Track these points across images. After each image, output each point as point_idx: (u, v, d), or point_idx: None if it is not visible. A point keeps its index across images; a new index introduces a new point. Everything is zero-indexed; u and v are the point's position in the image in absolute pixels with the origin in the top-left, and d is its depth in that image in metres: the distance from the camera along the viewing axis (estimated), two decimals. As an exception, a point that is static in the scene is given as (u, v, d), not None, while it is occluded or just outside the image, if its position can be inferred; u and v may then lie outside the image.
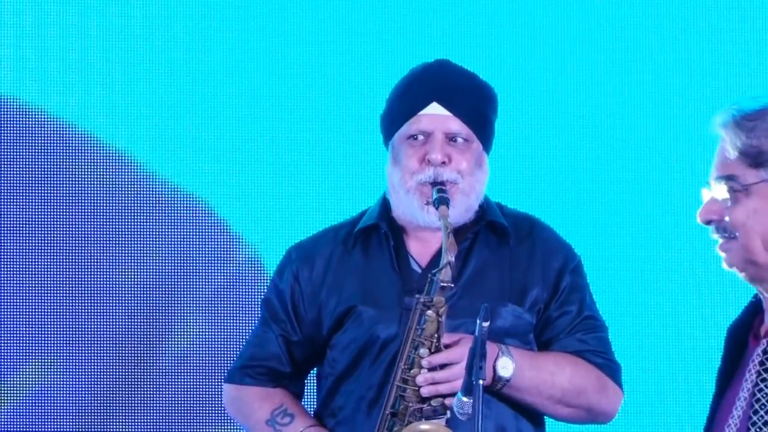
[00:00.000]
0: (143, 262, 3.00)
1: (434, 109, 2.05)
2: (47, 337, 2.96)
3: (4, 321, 2.94)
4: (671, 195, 3.04)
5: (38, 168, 2.95)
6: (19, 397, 2.95)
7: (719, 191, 1.45)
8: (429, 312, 1.91)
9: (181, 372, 3.01)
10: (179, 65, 3.00)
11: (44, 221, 2.98)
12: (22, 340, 2.95)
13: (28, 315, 2.96)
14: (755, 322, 1.52)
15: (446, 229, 1.94)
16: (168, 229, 3.01)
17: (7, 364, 2.94)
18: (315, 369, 2.20)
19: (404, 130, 2.07)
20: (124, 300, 3.00)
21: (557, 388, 2.04)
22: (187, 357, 3.02)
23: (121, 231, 2.99)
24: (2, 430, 2.95)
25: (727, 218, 1.43)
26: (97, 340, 2.98)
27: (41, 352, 2.96)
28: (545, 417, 2.16)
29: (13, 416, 2.95)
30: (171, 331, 3.03)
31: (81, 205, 2.98)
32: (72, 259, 2.98)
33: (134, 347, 3.00)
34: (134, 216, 2.99)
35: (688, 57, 3.16)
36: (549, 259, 2.13)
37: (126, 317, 3.00)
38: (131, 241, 3.00)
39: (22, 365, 2.95)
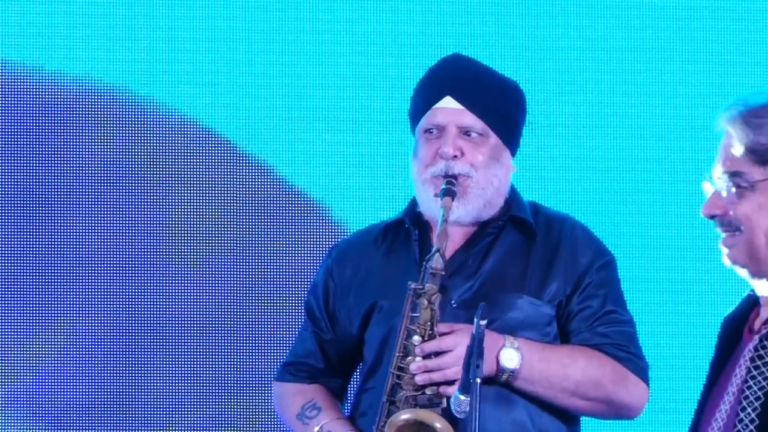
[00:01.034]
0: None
1: (447, 102, 2.07)
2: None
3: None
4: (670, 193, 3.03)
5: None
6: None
7: (723, 186, 1.45)
8: (421, 299, 1.92)
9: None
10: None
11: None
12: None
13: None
14: (751, 315, 1.50)
15: (442, 218, 1.95)
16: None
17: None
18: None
19: (421, 123, 2.11)
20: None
21: (570, 380, 2.00)
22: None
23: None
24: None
25: (732, 212, 1.43)
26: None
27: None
28: (581, 417, 2.12)
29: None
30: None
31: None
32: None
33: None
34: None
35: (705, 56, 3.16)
36: (576, 255, 2.09)
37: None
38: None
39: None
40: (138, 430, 3.10)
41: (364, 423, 2.10)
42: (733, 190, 1.42)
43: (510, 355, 1.95)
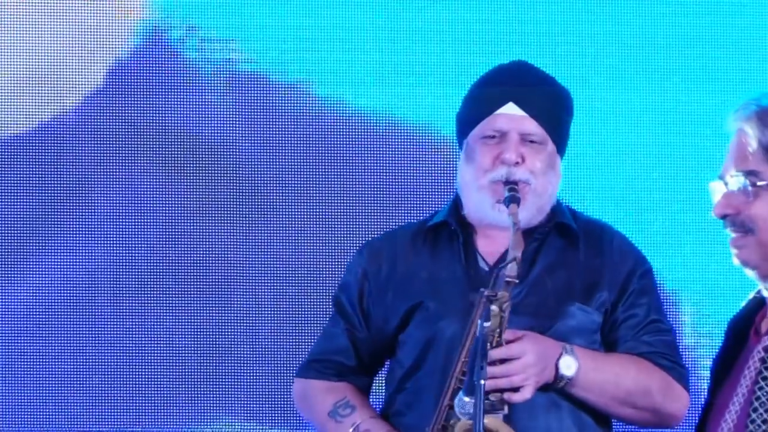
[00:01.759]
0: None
1: (510, 109, 2.07)
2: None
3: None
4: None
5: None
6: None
7: (737, 185, 1.43)
8: (493, 306, 1.92)
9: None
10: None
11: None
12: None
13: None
14: (757, 317, 1.51)
15: (514, 226, 1.95)
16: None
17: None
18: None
19: (480, 129, 2.10)
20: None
21: (622, 389, 2.04)
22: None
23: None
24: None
25: (745, 212, 1.43)
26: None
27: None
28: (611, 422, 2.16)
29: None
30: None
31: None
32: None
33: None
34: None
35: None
36: (618, 262, 2.13)
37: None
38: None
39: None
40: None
41: (401, 423, 2.10)
42: (749, 189, 1.42)
43: (568, 363, 1.98)
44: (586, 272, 2.11)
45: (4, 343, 3.03)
